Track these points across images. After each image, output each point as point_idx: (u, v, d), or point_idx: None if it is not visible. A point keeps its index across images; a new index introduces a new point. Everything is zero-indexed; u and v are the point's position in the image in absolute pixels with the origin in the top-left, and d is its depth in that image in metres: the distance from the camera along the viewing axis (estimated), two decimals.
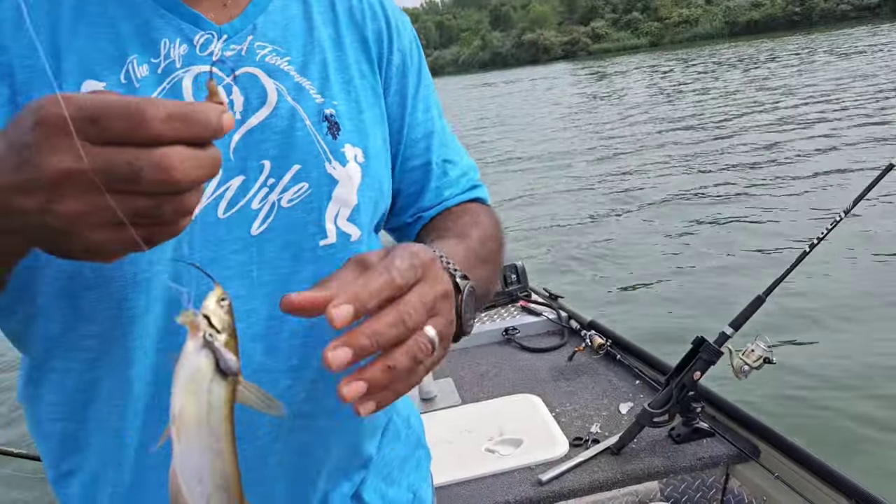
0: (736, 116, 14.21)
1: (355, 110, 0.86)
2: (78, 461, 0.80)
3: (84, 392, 0.77)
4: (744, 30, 66.62)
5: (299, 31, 0.84)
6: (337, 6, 0.89)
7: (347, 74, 0.86)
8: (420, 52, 0.99)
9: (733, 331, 1.98)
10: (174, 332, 0.75)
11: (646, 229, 7.44)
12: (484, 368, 2.75)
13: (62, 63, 0.70)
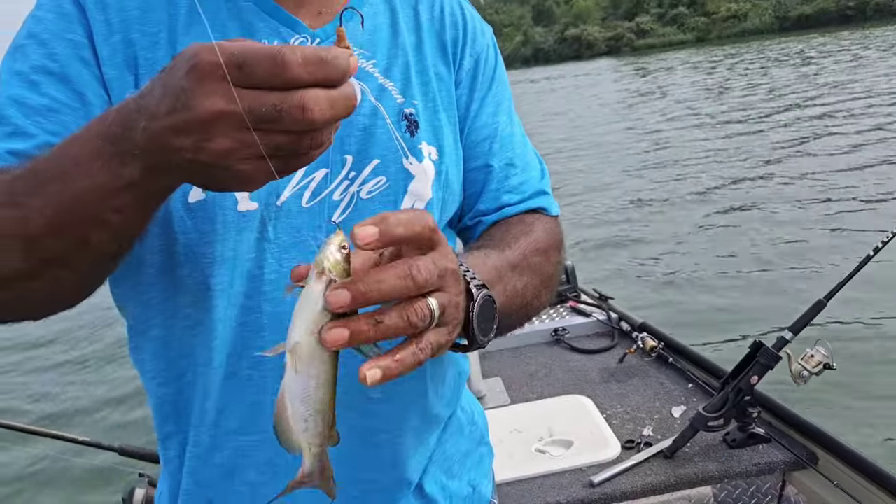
0: (788, 114, 13.87)
1: (432, 111, 0.91)
2: (173, 425, 0.87)
3: (178, 360, 0.84)
4: (794, 25, 64.95)
5: (385, 37, 0.91)
6: (421, 15, 0.95)
7: (426, 77, 0.92)
8: (498, 60, 1.03)
9: (792, 335, 1.95)
10: (255, 310, 0.81)
11: (699, 229, 7.30)
12: (533, 368, 2.75)
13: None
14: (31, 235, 0.60)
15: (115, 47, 0.77)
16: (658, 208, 8.51)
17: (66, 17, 0.78)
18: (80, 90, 0.76)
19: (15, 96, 0.74)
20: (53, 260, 0.61)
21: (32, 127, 0.73)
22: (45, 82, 0.75)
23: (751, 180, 8.93)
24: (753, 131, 12.61)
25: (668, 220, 7.93)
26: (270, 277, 0.81)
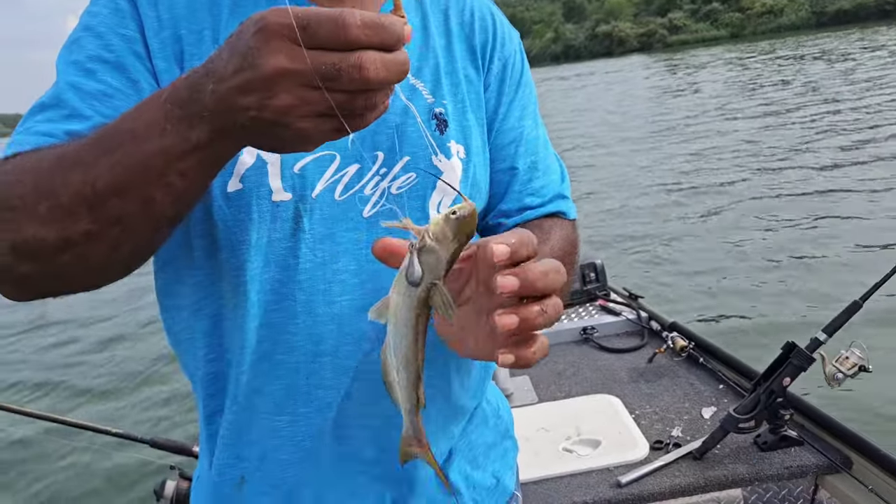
0: (824, 111, 13.59)
1: (461, 111, 0.95)
2: (217, 402, 0.91)
3: (219, 340, 0.88)
4: (832, 20, 63.60)
5: (416, 40, 0.94)
6: (451, 20, 0.99)
7: (456, 79, 0.96)
8: (525, 64, 1.06)
9: (827, 336, 1.91)
10: (288, 297, 0.85)
11: (730, 227, 7.18)
12: (561, 367, 2.74)
13: None
14: (99, 195, 0.63)
15: (165, 41, 0.82)
16: (689, 206, 8.39)
17: (121, 12, 0.82)
18: (135, 78, 0.81)
19: (72, 82, 0.79)
20: (116, 220, 0.64)
21: (88, 110, 0.77)
22: (100, 70, 0.79)
23: (785, 178, 8.76)
24: (787, 129, 12.38)
25: (699, 218, 7.82)
26: (305, 266, 0.85)
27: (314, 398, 0.88)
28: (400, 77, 0.55)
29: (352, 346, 0.88)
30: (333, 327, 0.87)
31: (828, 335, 1.91)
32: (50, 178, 0.65)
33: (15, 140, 0.76)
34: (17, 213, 0.66)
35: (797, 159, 9.90)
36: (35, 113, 0.79)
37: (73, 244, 0.65)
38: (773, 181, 8.76)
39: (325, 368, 0.88)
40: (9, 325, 7.98)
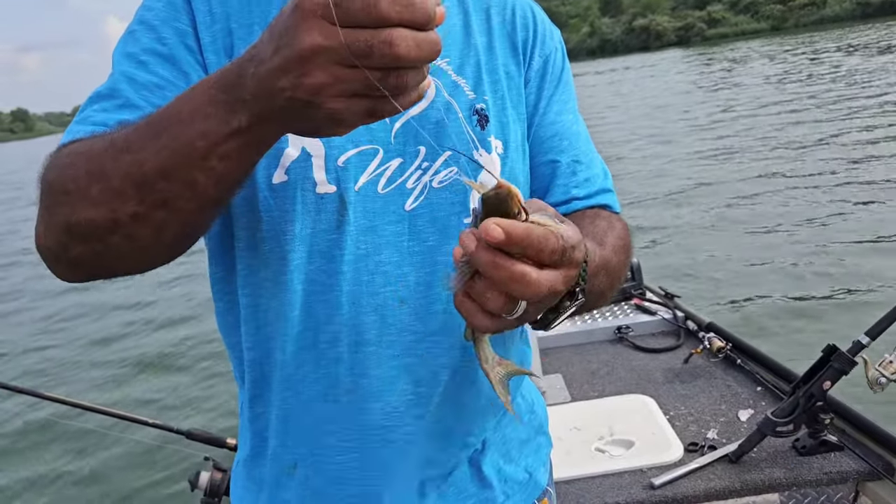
0: (869, 106, 13.24)
1: (500, 107, 0.97)
2: (262, 387, 0.94)
3: (264, 328, 0.91)
4: (878, 11, 61.88)
5: (458, 37, 0.97)
6: (492, 18, 1.01)
7: (496, 76, 0.98)
8: (565, 61, 1.08)
9: (870, 340, 1.87)
10: (333, 288, 0.88)
11: (770, 225, 7.03)
12: (595, 366, 2.72)
13: None
14: (146, 177, 0.65)
15: (216, 35, 0.85)
16: (729, 203, 8.25)
17: (174, 6, 0.86)
18: (186, 70, 0.84)
19: (126, 73, 0.82)
20: (162, 203, 0.67)
21: (140, 100, 0.80)
22: (153, 62, 0.83)
23: (830, 173, 8.55)
24: (829, 122, 12.09)
25: (740, 216, 7.67)
26: (349, 258, 0.87)
27: (359, 387, 0.90)
28: (431, 56, 0.55)
29: (395, 337, 0.90)
30: (376, 318, 0.89)
31: (871, 338, 1.87)
32: (101, 162, 0.68)
33: (71, 129, 0.80)
34: (72, 196, 0.69)
35: (842, 153, 9.66)
36: (92, 102, 0.82)
37: (122, 225, 0.68)
38: (817, 177, 8.55)
39: (369, 359, 0.90)
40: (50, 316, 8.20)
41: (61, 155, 0.75)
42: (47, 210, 0.74)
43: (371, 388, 0.90)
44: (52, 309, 8.53)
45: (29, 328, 7.97)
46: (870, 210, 6.92)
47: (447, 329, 0.93)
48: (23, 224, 17.31)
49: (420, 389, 0.92)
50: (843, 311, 4.72)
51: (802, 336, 4.44)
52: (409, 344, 0.91)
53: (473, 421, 1.00)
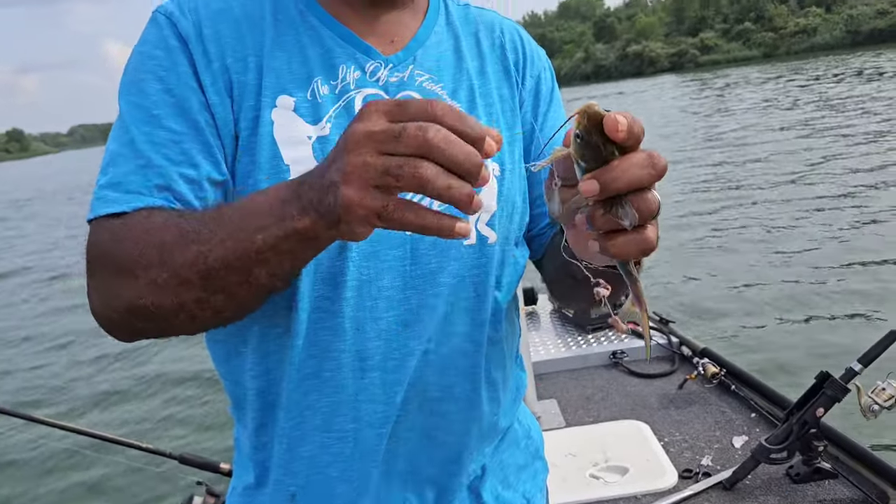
0: (861, 132, 13.38)
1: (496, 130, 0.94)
2: (267, 416, 0.93)
3: (266, 357, 0.91)
4: (867, 39, 62.71)
5: (450, 62, 0.98)
6: (482, 42, 1.03)
7: (490, 99, 0.99)
8: (553, 81, 1.10)
9: (862, 367, 1.88)
10: (337, 314, 0.87)
11: (762, 251, 7.05)
12: (590, 391, 2.71)
13: (263, 79, 0.86)
14: (210, 268, 0.71)
15: (215, 75, 0.85)
16: (720, 226, 8.30)
17: (173, 51, 0.86)
18: (194, 118, 0.84)
19: (142, 130, 0.83)
20: (223, 289, 0.72)
21: (161, 159, 0.82)
22: (164, 115, 0.84)
23: (821, 199, 8.59)
24: (819, 149, 12.20)
25: (730, 241, 7.71)
26: (352, 284, 0.87)
27: (363, 413, 0.90)
28: (462, 157, 0.58)
29: (398, 361, 0.90)
30: (380, 343, 0.89)
31: (863, 365, 1.87)
32: (171, 253, 0.72)
33: (109, 196, 0.80)
34: (140, 281, 0.74)
35: (835, 178, 9.73)
36: (116, 162, 0.83)
37: (186, 309, 0.74)
38: (810, 202, 8.60)
39: (373, 384, 0.90)
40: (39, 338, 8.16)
41: (117, 233, 0.77)
42: (109, 287, 0.77)
43: (377, 415, 0.90)
44: (41, 329, 8.48)
45: (18, 348, 7.91)
46: (861, 234, 6.96)
47: (453, 353, 0.94)
48: (18, 241, 17.32)
49: (424, 415, 0.93)
50: (836, 336, 4.73)
51: (795, 359, 4.45)
52: (412, 368, 0.91)
53: (475, 447, 0.99)
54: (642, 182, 0.58)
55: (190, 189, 0.82)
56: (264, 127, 0.85)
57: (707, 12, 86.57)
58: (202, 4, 0.89)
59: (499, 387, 1.02)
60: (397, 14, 0.96)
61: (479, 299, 0.96)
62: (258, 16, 0.90)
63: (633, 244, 0.60)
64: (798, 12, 76.19)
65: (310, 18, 0.91)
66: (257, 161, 0.85)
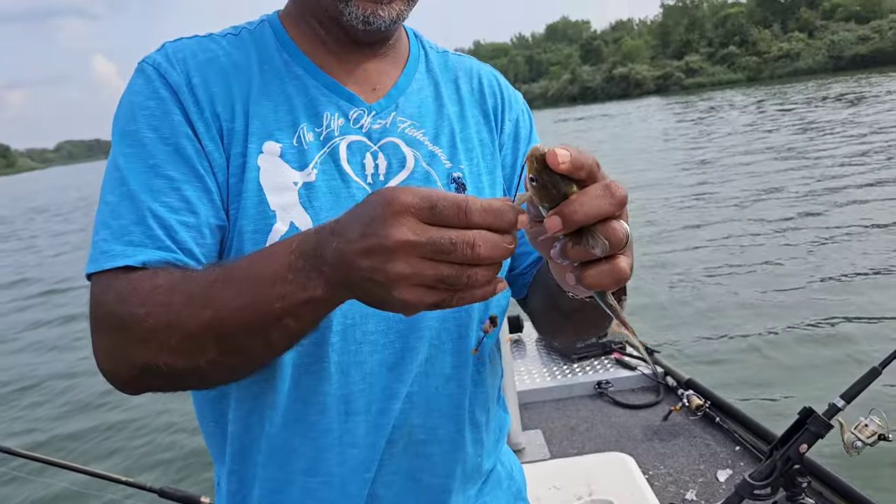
0: (844, 158, 13.53)
1: (476, 174, 0.99)
2: (245, 461, 0.93)
3: (247, 401, 0.91)
4: (849, 64, 63.77)
5: (431, 109, 1.00)
6: (461, 88, 1.05)
7: (470, 144, 1.01)
8: (532, 123, 1.12)
9: (845, 403, 1.88)
10: (323, 358, 0.88)
11: (745, 284, 7.05)
12: (574, 422, 2.71)
13: (250, 126, 0.88)
14: (225, 332, 0.71)
15: (208, 122, 0.87)
16: (706, 256, 8.33)
17: (165, 101, 0.87)
18: (192, 164, 0.85)
19: (141, 181, 0.83)
20: (238, 351, 0.73)
21: (162, 208, 0.82)
22: (162, 163, 0.84)
23: (812, 234, 8.53)
24: (806, 175, 12.33)
25: (713, 269, 7.73)
26: (336, 328, 0.87)
27: (348, 457, 0.90)
28: (504, 256, 0.60)
29: (383, 404, 0.90)
30: (365, 387, 0.89)
31: (846, 401, 1.88)
32: (180, 317, 0.72)
33: (112, 250, 0.80)
34: (151, 344, 0.74)
35: (822, 202, 9.79)
36: (115, 214, 0.83)
37: (199, 370, 0.74)
38: (794, 236, 8.60)
39: (358, 427, 0.90)
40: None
41: (122, 294, 0.76)
42: (118, 348, 0.77)
43: (360, 459, 0.90)
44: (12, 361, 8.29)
45: None
46: (847, 270, 6.94)
47: (437, 395, 0.94)
48: (5, 257, 17.16)
49: (409, 458, 0.93)
50: (818, 371, 4.73)
51: (780, 391, 4.45)
52: (396, 411, 0.91)
53: (459, 489, 1.00)
54: (602, 212, 0.59)
55: (190, 236, 0.83)
56: (251, 173, 0.86)
57: (692, 36, 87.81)
58: (189, 55, 0.90)
59: (482, 428, 1.02)
60: (379, 63, 0.98)
61: (462, 341, 0.96)
62: (244, 65, 0.91)
63: (606, 274, 0.62)
64: (781, 37, 77.44)
65: (294, 68, 0.93)
66: (244, 206, 0.86)
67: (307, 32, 0.95)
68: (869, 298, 5.95)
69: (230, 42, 0.94)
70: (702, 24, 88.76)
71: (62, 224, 24.55)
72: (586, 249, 0.60)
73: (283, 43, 0.95)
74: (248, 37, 0.95)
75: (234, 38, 0.94)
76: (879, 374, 1.87)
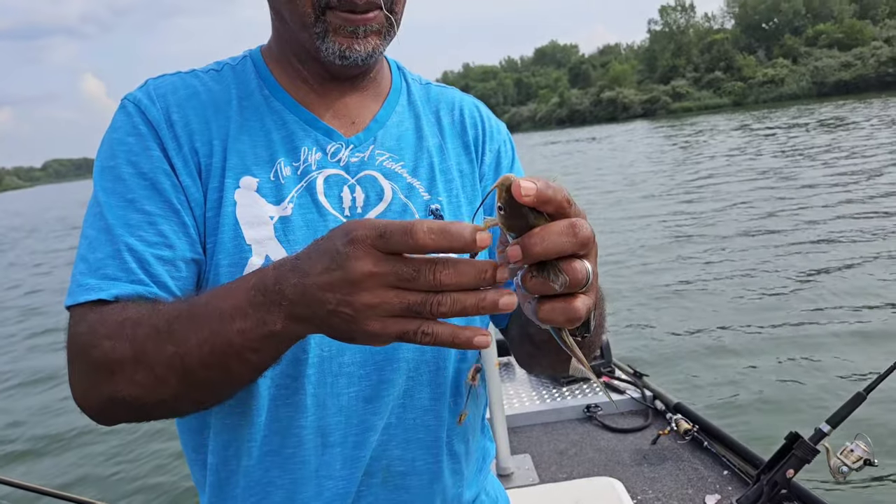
0: (829, 184, 13.69)
1: (455, 205, 1.01)
2: (224, 494, 0.94)
3: (223, 433, 0.91)
4: (833, 90, 64.79)
5: (411, 141, 1.01)
6: (443, 119, 1.07)
7: (450, 175, 1.02)
8: (514, 152, 1.13)
9: (831, 428, 1.90)
10: (299, 391, 0.88)
11: (733, 308, 7.06)
12: (563, 446, 2.71)
13: (227, 161, 0.89)
14: (188, 367, 0.72)
15: (186, 158, 0.88)
16: (692, 280, 8.37)
17: (144, 137, 0.88)
18: (169, 199, 0.86)
19: (118, 215, 0.85)
20: (202, 385, 0.74)
21: (138, 243, 0.84)
22: (140, 198, 0.86)
23: (799, 261, 8.55)
24: (794, 199, 12.45)
25: (700, 295, 7.75)
26: (313, 361, 0.88)
27: (325, 489, 0.90)
28: (474, 281, 0.59)
29: (359, 436, 0.91)
30: (341, 419, 0.90)
31: (832, 426, 1.90)
32: (145, 350, 0.74)
33: (87, 283, 0.82)
34: (117, 377, 0.75)
35: (802, 233, 9.89)
36: (92, 247, 0.84)
37: (165, 402, 0.75)
38: (782, 261, 8.63)
39: (335, 460, 0.90)
40: None
41: (93, 326, 0.78)
42: (88, 380, 0.78)
43: (337, 491, 0.90)
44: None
45: None
46: (834, 293, 6.98)
47: (415, 427, 0.94)
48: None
49: (387, 490, 0.93)
50: (804, 395, 4.74)
51: (767, 415, 4.46)
52: (373, 443, 0.91)
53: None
54: (562, 250, 0.59)
55: (165, 270, 0.83)
56: (227, 207, 0.88)
57: (678, 61, 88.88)
58: (170, 91, 0.92)
59: (461, 458, 1.03)
60: (359, 96, 1.00)
61: (440, 373, 0.97)
62: (224, 101, 0.93)
63: (560, 312, 0.61)
64: (766, 63, 78.61)
65: (274, 103, 0.95)
66: (220, 240, 0.87)
67: (287, 68, 0.97)
68: (854, 324, 5.99)
69: (212, 78, 0.96)
70: (688, 50, 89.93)
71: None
72: (545, 283, 0.60)
73: (263, 78, 0.97)
74: (229, 73, 0.97)
75: (217, 74, 0.97)
76: (864, 399, 1.89)
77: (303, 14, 0.87)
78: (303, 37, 0.90)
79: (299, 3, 0.87)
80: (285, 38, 0.96)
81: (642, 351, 5.92)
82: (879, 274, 7.39)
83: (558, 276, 0.59)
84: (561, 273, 0.59)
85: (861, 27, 73.35)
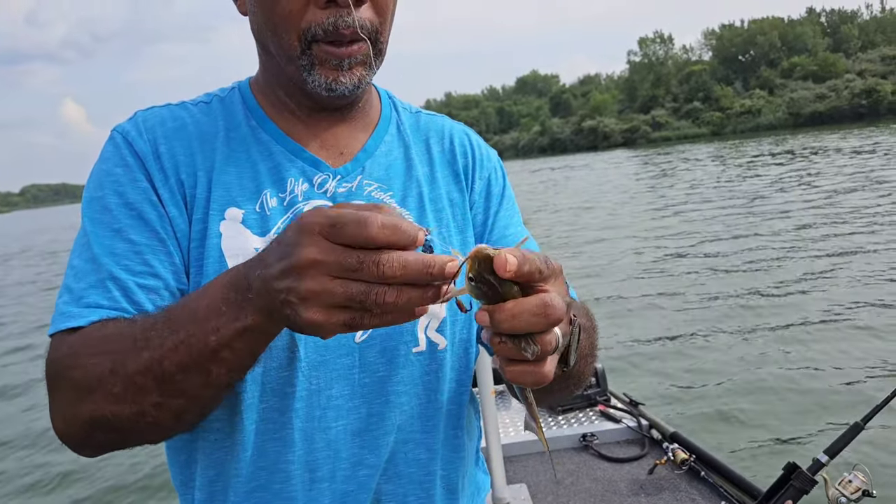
0: (810, 212, 13.88)
1: (445, 235, 1.01)
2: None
3: (209, 468, 0.91)
4: (808, 121, 66.08)
5: (400, 171, 1.02)
6: (432, 148, 1.07)
7: (440, 205, 1.03)
8: (505, 179, 1.14)
9: (829, 458, 1.92)
10: (286, 425, 0.88)
11: (726, 338, 7.08)
12: (560, 476, 2.71)
13: (212, 193, 0.90)
14: (165, 372, 0.71)
15: (172, 189, 0.89)
16: (688, 308, 8.41)
17: (131, 168, 0.90)
18: (155, 229, 0.87)
19: (104, 245, 0.85)
20: (181, 392, 0.72)
21: (122, 272, 0.84)
22: (126, 228, 0.87)
23: (795, 288, 8.56)
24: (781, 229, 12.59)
25: (696, 323, 7.77)
26: (301, 394, 0.88)
27: None
28: (418, 276, 0.59)
29: (348, 471, 0.90)
30: (330, 453, 0.89)
31: (830, 457, 1.92)
32: (123, 362, 0.73)
33: (69, 311, 0.82)
34: (96, 394, 0.74)
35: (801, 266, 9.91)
36: (78, 277, 0.85)
37: (146, 415, 0.74)
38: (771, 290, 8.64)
39: (323, 495, 0.90)
40: None
41: (73, 347, 0.78)
42: (68, 403, 0.77)
43: None
44: None
45: None
46: (827, 327, 6.97)
47: (406, 461, 0.94)
48: None
49: None
50: (802, 425, 4.75)
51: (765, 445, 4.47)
52: (363, 478, 0.91)
53: None
54: (532, 329, 0.59)
55: (149, 298, 0.84)
56: (212, 239, 0.89)
57: (658, 91, 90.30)
58: (158, 123, 0.94)
59: (455, 492, 1.02)
60: (347, 127, 1.01)
61: (431, 406, 0.97)
62: (211, 133, 0.95)
63: (528, 375, 0.62)
64: (743, 94, 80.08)
65: (261, 134, 0.96)
66: (205, 272, 0.87)
67: (274, 99, 0.98)
68: (851, 353, 6.03)
69: (201, 110, 0.97)
70: (667, 80, 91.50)
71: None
72: (517, 350, 0.60)
73: (251, 109, 0.98)
74: (218, 104, 0.98)
75: (206, 107, 0.98)
76: (862, 429, 1.92)
77: (289, 47, 0.88)
78: (289, 69, 0.91)
79: (285, 37, 0.88)
80: (272, 71, 0.97)
81: (639, 381, 5.91)
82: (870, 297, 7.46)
83: (530, 345, 0.60)
84: (532, 344, 0.60)
85: (834, 60, 75.19)
